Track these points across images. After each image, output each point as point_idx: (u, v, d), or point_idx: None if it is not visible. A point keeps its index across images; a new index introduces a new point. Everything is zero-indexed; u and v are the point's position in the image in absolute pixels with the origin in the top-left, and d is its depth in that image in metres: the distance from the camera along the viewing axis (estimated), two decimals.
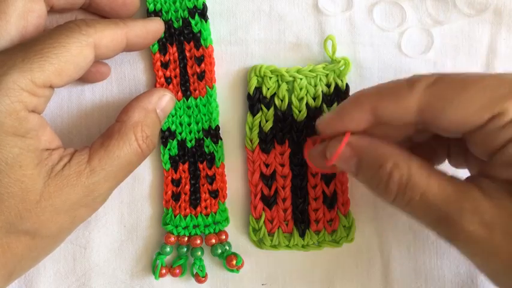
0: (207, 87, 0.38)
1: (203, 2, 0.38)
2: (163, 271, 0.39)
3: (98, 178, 0.32)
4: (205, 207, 0.39)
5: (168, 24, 0.38)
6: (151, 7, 0.38)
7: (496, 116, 0.27)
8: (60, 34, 0.31)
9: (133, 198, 0.40)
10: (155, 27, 0.36)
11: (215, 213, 0.39)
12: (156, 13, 0.38)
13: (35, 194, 0.30)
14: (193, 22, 0.38)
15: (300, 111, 0.38)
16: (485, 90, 0.27)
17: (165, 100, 0.36)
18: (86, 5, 0.36)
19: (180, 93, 0.39)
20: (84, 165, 0.32)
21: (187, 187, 0.39)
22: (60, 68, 0.30)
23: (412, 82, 0.29)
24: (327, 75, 0.38)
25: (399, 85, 0.30)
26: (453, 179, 0.29)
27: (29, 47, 0.30)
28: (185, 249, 0.39)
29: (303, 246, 0.39)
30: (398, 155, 0.30)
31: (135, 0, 0.36)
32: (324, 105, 0.38)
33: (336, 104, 0.38)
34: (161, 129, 0.39)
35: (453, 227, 0.28)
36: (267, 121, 0.38)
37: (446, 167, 0.36)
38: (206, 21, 0.38)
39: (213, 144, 0.39)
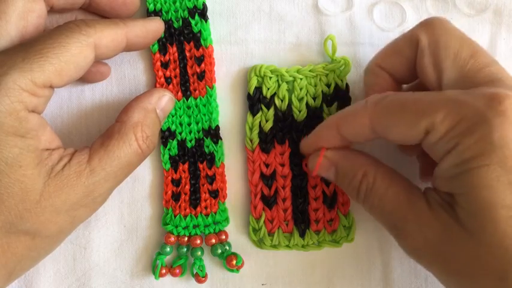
0: (207, 87, 0.38)
1: (203, 2, 0.38)
2: (163, 271, 0.39)
3: (98, 178, 0.32)
4: (205, 207, 0.39)
5: (168, 24, 0.38)
6: (151, 7, 0.38)
7: (428, 133, 0.29)
8: (60, 34, 0.31)
9: (133, 198, 0.40)
10: (155, 26, 0.36)
11: (215, 213, 0.39)
12: (156, 13, 0.38)
13: (35, 194, 0.30)
14: (193, 22, 0.38)
15: (300, 111, 0.38)
16: (418, 109, 0.29)
17: (164, 100, 0.36)
18: (85, 5, 0.36)
19: (180, 93, 0.39)
20: (84, 165, 0.32)
21: (187, 187, 0.39)
22: (60, 68, 0.30)
23: (361, 104, 0.32)
24: (327, 75, 0.38)
25: (359, 104, 0.32)
26: (410, 189, 0.32)
27: (29, 47, 0.30)
28: (185, 249, 0.39)
29: (303, 246, 0.39)
30: (368, 165, 0.33)
31: (135, 0, 0.36)
32: (324, 105, 0.38)
33: (336, 103, 0.38)
34: (161, 129, 0.39)
35: (399, 234, 0.31)
36: (267, 121, 0.38)
37: None
38: (206, 21, 0.38)
39: (213, 144, 0.39)
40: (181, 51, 0.39)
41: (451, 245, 0.29)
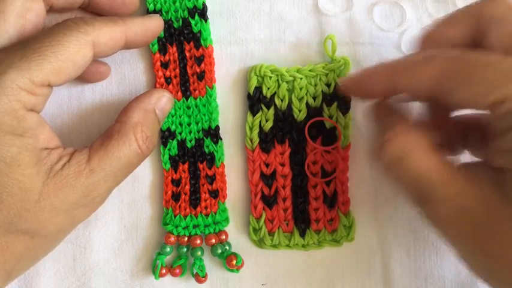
0: (207, 87, 0.38)
1: (203, 2, 0.38)
2: (163, 271, 0.39)
3: (98, 178, 0.32)
4: (205, 207, 0.39)
5: (168, 24, 0.38)
6: (151, 7, 0.38)
7: (498, 102, 0.27)
8: (58, 32, 0.31)
9: (133, 198, 0.40)
10: (154, 24, 0.36)
11: (215, 213, 0.39)
12: (156, 13, 0.38)
13: (34, 194, 0.30)
14: (193, 22, 0.38)
15: (300, 111, 0.38)
16: (494, 75, 0.27)
17: (163, 100, 0.36)
18: (85, 4, 0.36)
19: (180, 93, 0.39)
20: (84, 165, 0.32)
21: (187, 187, 0.39)
22: (59, 67, 0.30)
23: (429, 57, 0.30)
24: (327, 75, 0.38)
25: (416, 58, 0.31)
26: (447, 163, 0.30)
27: (27, 45, 0.30)
28: (185, 249, 0.39)
29: (303, 246, 0.39)
30: (406, 127, 0.31)
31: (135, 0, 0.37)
32: (324, 105, 0.38)
33: (336, 103, 0.38)
34: (161, 129, 0.39)
35: (434, 207, 0.30)
36: (267, 121, 0.38)
37: None
38: (206, 21, 0.38)
39: (213, 144, 0.39)
40: (181, 51, 0.39)
41: (491, 223, 0.28)
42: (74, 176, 0.31)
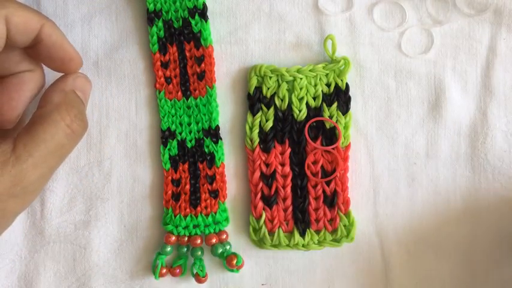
0: (207, 87, 0.38)
1: (203, 2, 0.38)
2: (164, 271, 0.39)
3: (26, 165, 0.30)
4: (205, 207, 0.39)
5: (168, 24, 0.38)
6: (151, 7, 0.38)
7: None
8: None
9: (133, 198, 0.40)
10: (75, 54, 0.34)
11: (215, 213, 0.39)
12: (156, 13, 0.38)
13: None
14: (193, 22, 0.38)
15: (300, 111, 0.38)
16: None
17: (80, 81, 0.35)
18: None
19: (180, 93, 0.39)
20: (9, 154, 0.30)
21: (187, 187, 0.39)
22: None
23: None
24: (327, 75, 0.38)
25: None
26: None
27: None
28: (185, 249, 0.39)
29: (303, 246, 0.39)
30: None
31: None
32: (324, 105, 0.38)
33: (336, 103, 0.38)
34: (161, 129, 0.39)
35: None
36: (267, 121, 0.38)
37: None
38: (206, 21, 0.38)
39: (213, 144, 0.39)
40: (182, 51, 0.39)
41: None
42: None
